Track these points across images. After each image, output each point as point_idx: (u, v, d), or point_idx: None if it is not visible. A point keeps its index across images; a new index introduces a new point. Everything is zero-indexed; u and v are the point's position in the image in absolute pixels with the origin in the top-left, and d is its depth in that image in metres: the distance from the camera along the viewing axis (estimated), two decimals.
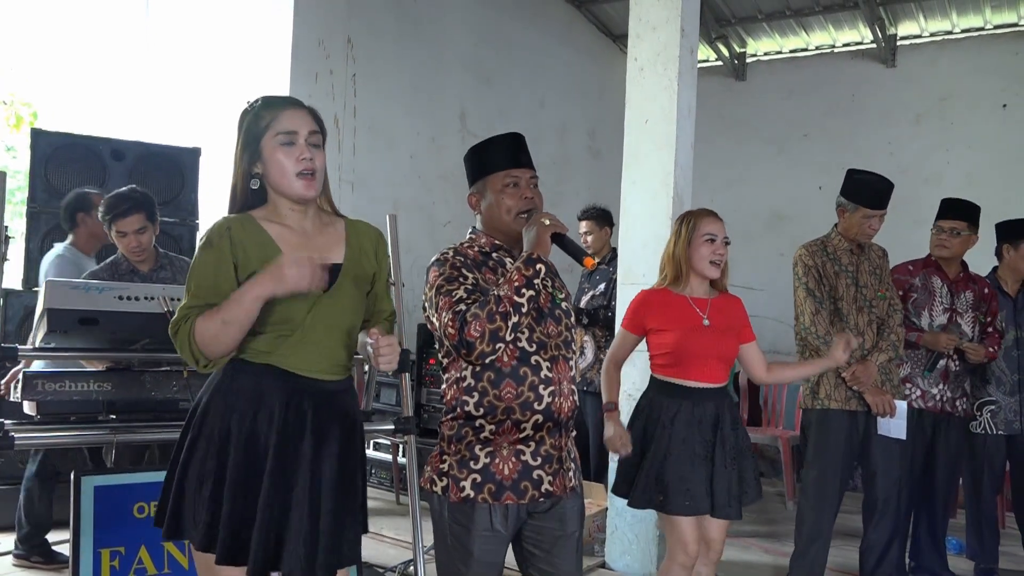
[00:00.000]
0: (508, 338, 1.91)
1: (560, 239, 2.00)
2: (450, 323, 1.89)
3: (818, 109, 7.10)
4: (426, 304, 2.03)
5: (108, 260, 3.39)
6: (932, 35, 6.76)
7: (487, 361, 1.94)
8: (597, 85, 7.55)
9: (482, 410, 1.98)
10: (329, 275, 1.81)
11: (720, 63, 7.52)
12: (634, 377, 3.48)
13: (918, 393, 3.61)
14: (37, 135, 4.22)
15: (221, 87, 5.24)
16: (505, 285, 1.92)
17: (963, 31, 6.63)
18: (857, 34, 6.98)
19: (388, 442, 4.93)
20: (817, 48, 7.26)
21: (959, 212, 3.69)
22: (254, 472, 1.74)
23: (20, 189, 6.80)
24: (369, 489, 5.19)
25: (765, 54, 7.51)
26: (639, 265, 3.77)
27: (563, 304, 2.11)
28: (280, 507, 1.74)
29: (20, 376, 2.65)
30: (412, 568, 3.03)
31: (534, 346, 2.00)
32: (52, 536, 3.60)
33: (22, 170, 5.94)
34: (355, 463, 1.91)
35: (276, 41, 5.12)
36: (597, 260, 4.57)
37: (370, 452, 4.76)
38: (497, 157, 2.09)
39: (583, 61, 7.54)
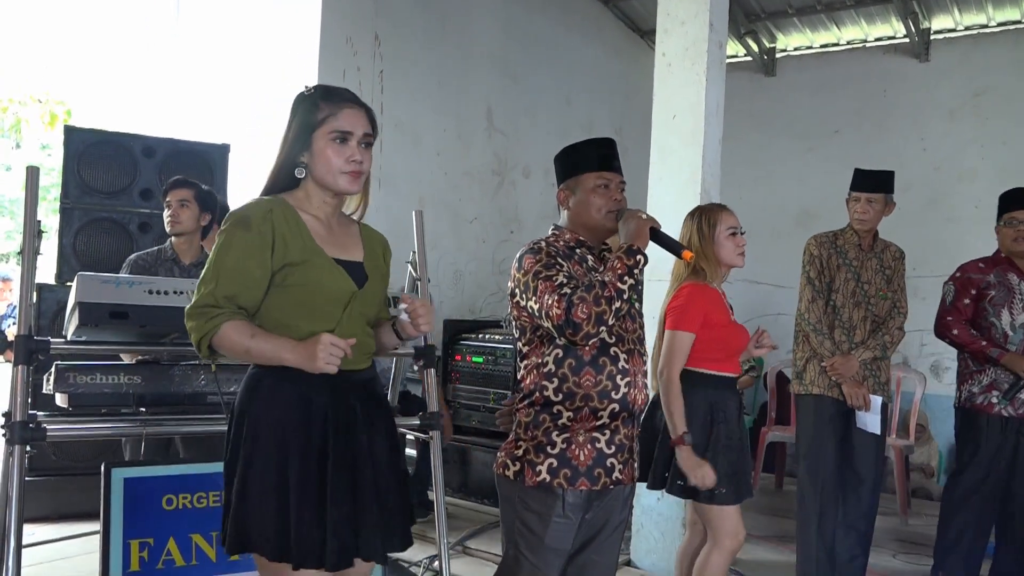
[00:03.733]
0: (611, 322, 2.00)
1: (656, 234, 2.09)
2: (555, 304, 1.97)
3: (849, 105, 6.99)
4: (517, 289, 2.09)
5: (157, 247, 3.58)
6: (967, 29, 6.62)
7: (589, 343, 2.02)
8: (625, 81, 7.51)
9: (561, 396, 2.06)
10: (357, 270, 1.88)
11: (749, 58, 7.44)
12: None
13: (1007, 403, 3.43)
14: (70, 132, 4.30)
15: (250, 84, 5.28)
16: (608, 272, 2.01)
17: (999, 24, 6.49)
18: (889, 28, 6.86)
19: (413, 437, 4.94)
20: (848, 43, 7.15)
21: None
22: (318, 476, 1.75)
23: (55, 186, 6.91)
24: None
25: (795, 49, 7.42)
26: (666, 262, 3.73)
27: (636, 304, 2.21)
28: (350, 503, 1.77)
29: (53, 368, 2.70)
30: (437, 563, 3.04)
31: (613, 338, 2.10)
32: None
33: (56, 167, 6.04)
34: (398, 441, 1.98)
35: (304, 38, 5.14)
36: None
37: None
38: (591, 158, 2.20)
39: (610, 57, 7.50)
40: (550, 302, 1.98)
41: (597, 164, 2.19)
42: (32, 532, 3.81)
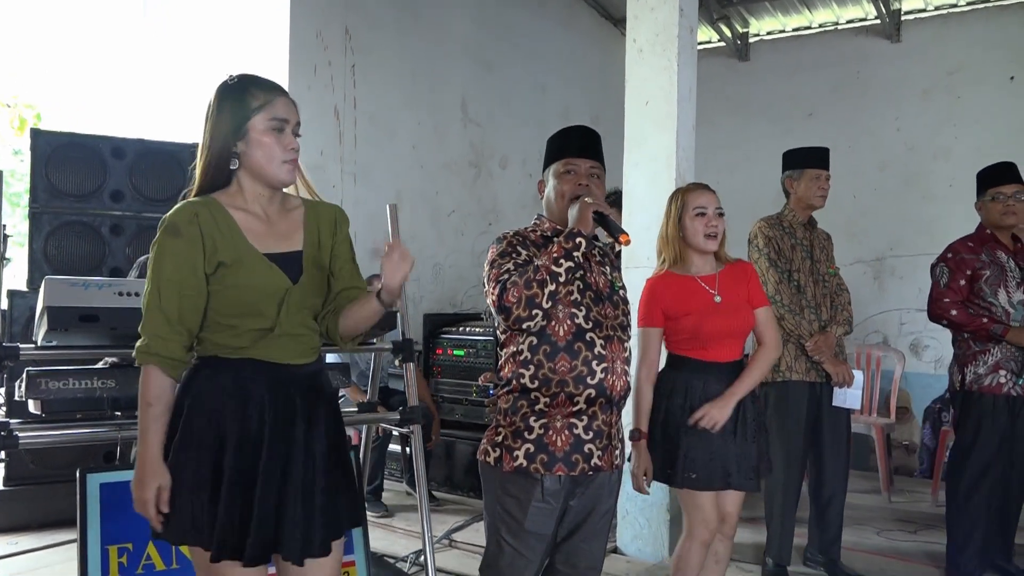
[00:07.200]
0: (545, 305, 2.01)
1: (602, 218, 2.09)
2: (492, 290, 2.03)
3: (823, 87, 7.02)
4: (484, 279, 2.15)
5: None
6: (937, 9, 6.66)
7: (524, 327, 2.05)
8: (599, 69, 7.50)
9: (537, 382, 2.08)
10: (292, 263, 1.82)
11: (723, 44, 7.45)
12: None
13: (1016, 380, 3.32)
14: (37, 135, 4.22)
15: (219, 81, 5.22)
16: (545, 256, 2.03)
17: (968, 3, 6.54)
18: (860, 10, 6.90)
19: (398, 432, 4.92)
20: (820, 26, 7.18)
21: (1015, 175, 3.43)
22: (252, 467, 1.73)
23: (28, 191, 6.81)
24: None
25: (768, 33, 7.44)
26: (642, 248, 3.71)
27: (621, 291, 2.24)
28: (277, 495, 1.74)
29: (24, 375, 2.65)
30: (423, 558, 3.03)
31: (590, 324, 2.10)
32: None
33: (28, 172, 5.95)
34: (341, 436, 1.93)
35: (273, 34, 5.09)
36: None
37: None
38: (561, 146, 2.23)
39: (584, 45, 7.49)
40: (491, 288, 2.05)
41: (565, 151, 2.21)
42: (15, 541, 3.77)
